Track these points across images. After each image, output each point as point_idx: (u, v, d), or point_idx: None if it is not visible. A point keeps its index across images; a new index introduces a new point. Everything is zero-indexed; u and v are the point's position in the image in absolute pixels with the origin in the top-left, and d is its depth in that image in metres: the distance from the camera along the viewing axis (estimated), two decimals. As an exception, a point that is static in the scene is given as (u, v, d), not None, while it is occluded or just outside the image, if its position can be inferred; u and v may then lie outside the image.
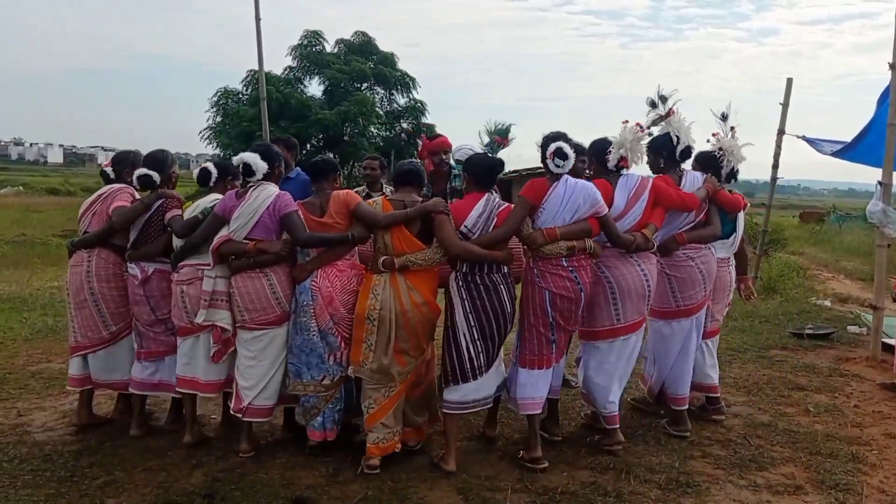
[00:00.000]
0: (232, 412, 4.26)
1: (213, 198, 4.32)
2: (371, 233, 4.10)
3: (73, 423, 4.62)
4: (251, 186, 4.13)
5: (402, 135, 27.05)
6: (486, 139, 4.69)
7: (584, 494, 3.75)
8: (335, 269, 4.13)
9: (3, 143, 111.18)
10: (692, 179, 4.65)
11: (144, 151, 4.72)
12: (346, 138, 24.69)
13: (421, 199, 4.16)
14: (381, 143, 26.25)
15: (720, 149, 4.78)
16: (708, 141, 4.82)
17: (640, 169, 4.55)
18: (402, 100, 27.59)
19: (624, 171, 4.36)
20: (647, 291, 4.29)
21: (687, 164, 4.78)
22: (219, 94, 25.08)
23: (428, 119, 27.46)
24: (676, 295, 4.59)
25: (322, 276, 4.07)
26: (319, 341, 4.06)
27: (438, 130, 27.95)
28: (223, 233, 4.12)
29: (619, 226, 4.19)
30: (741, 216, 4.89)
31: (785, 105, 9.74)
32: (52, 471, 3.96)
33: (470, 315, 3.99)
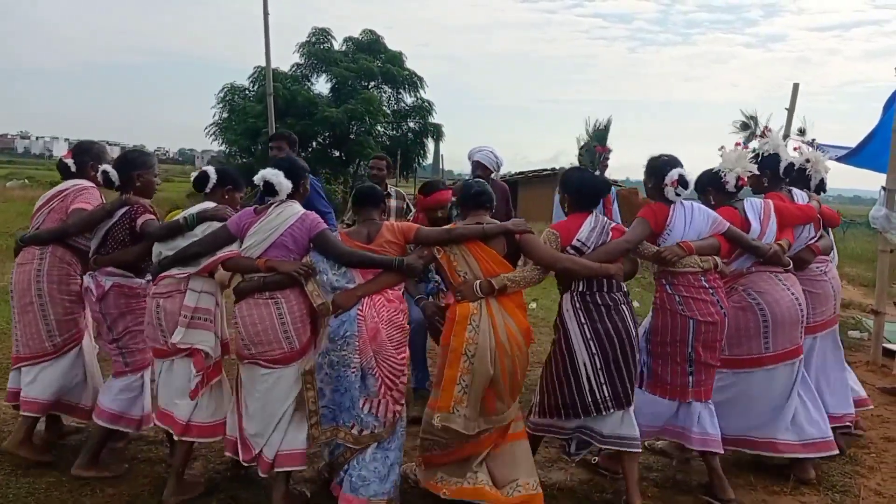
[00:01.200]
0: (244, 462, 3.56)
1: (204, 206, 3.76)
2: (428, 263, 3.66)
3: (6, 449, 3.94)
4: (273, 203, 3.60)
5: (409, 134, 27.11)
6: (583, 144, 4.39)
7: (583, 491, 3.79)
8: (384, 297, 3.56)
9: (9, 137, 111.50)
10: (800, 196, 4.50)
11: (150, 147, 4.59)
12: (352, 137, 24.71)
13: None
14: (388, 143, 26.30)
15: (807, 160, 4.72)
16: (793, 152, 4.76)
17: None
18: (409, 99, 27.64)
19: (741, 196, 4.18)
20: (801, 316, 4.07)
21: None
22: (225, 90, 25.15)
23: (435, 119, 27.51)
24: (809, 311, 4.28)
25: (369, 305, 3.50)
26: (356, 381, 3.44)
27: (445, 130, 28.03)
28: (230, 249, 3.59)
29: None
30: (831, 232, 4.84)
31: (790, 111, 9.72)
32: (52, 462, 3.96)
33: (592, 342, 3.56)
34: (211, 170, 3.88)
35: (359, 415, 3.42)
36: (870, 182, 6.84)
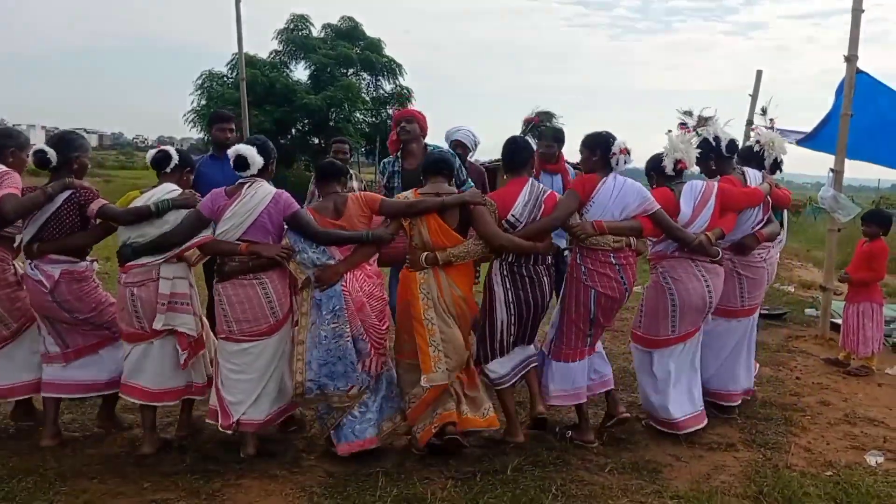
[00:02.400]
0: (221, 428, 3.84)
1: (168, 188, 3.85)
2: (395, 234, 3.92)
3: None
4: (244, 183, 3.76)
5: (388, 121, 27.28)
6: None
7: (533, 449, 4.02)
8: (364, 272, 3.86)
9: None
10: (754, 177, 4.66)
11: (129, 135, 4.59)
12: (331, 124, 24.85)
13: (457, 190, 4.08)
14: (367, 129, 26.46)
15: (757, 142, 4.93)
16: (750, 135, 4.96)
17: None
18: (388, 86, 27.80)
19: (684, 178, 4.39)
20: (707, 307, 4.29)
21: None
22: (203, 76, 25.15)
23: (414, 106, 27.69)
24: (744, 295, 4.60)
25: (351, 280, 3.78)
26: (351, 349, 3.74)
27: (429, 118, 28.24)
28: (205, 234, 3.78)
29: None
30: (785, 212, 5.04)
31: (754, 96, 10.06)
32: (34, 425, 4.19)
33: (511, 305, 3.99)
34: (172, 150, 3.98)
35: (358, 376, 3.77)
36: (846, 170, 7.00)
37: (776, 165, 4.95)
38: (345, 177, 4.12)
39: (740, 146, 4.96)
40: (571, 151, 4.89)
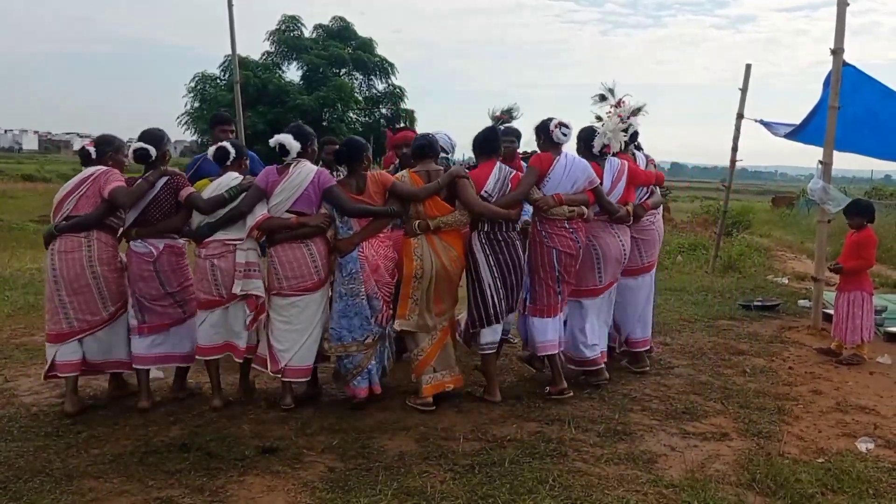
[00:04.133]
0: (270, 373, 4.58)
1: (233, 176, 4.55)
2: (406, 207, 4.59)
3: (67, 412, 4.43)
4: (289, 164, 4.51)
5: (382, 120, 27.28)
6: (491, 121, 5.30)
7: (530, 441, 4.12)
8: (378, 240, 4.57)
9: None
10: (641, 158, 5.63)
11: (122, 138, 4.78)
12: (324, 124, 24.86)
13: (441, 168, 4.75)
14: (361, 129, 26.48)
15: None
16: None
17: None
18: (381, 85, 27.83)
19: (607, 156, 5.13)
20: (623, 258, 5.17)
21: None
22: (196, 79, 25.15)
23: (407, 105, 27.72)
24: (643, 254, 5.50)
25: (367, 247, 4.49)
26: (365, 306, 4.47)
27: (419, 116, 28.22)
28: (261, 210, 4.46)
29: None
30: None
31: (744, 90, 10.18)
32: (39, 427, 4.27)
33: (494, 268, 4.67)
34: (229, 145, 4.68)
35: (371, 328, 4.51)
36: (837, 162, 7.06)
37: (634, 137, 5.50)
38: (366, 154, 4.68)
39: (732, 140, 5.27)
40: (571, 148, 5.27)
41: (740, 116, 10.15)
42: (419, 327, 4.61)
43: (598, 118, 5.28)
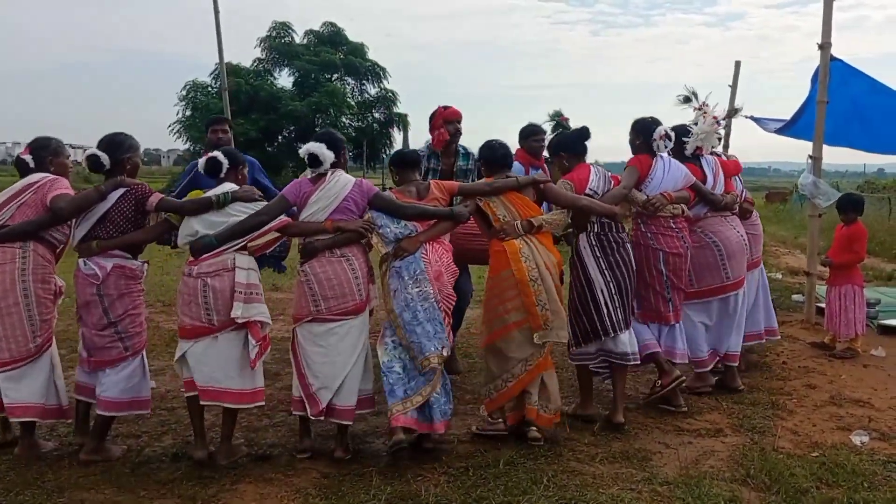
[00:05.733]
0: (311, 416, 3.91)
1: (227, 187, 3.93)
2: (472, 212, 4.21)
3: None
4: (323, 173, 3.99)
5: (375, 125, 27.31)
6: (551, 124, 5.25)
7: (525, 442, 4.10)
8: (441, 245, 4.15)
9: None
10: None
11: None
12: (317, 129, 24.82)
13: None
14: (354, 134, 26.51)
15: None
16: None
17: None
18: (373, 90, 27.88)
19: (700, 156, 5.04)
20: (746, 250, 5.06)
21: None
22: (188, 87, 25.15)
23: (400, 108, 27.75)
24: (752, 249, 5.30)
25: (431, 251, 4.04)
26: (437, 309, 3.93)
27: (412, 120, 28.29)
28: (282, 218, 3.96)
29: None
30: None
31: (734, 87, 10.14)
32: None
33: (606, 272, 4.34)
34: (220, 155, 4.03)
35: (444, 335, 3.92)
36: (829, 157, 7.11)
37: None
38: (420, 163, 4.47)
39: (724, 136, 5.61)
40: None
41: (731, 114, 10.15)
42: (560, 336, 4.12)
43: (654, 120, 4.84)
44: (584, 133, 4.63)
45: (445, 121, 5.26)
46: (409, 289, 3.90)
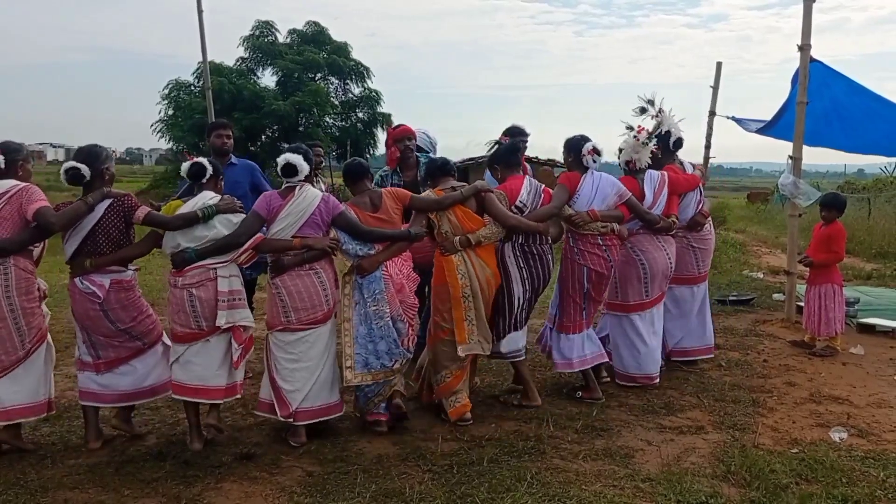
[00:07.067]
0: (280, 418, 4.10)
1: (208, 195, 4.03)
2: (429, 230, 4.42)
3: None
4: (293, 186, 4.12)
5: (358, 125, 27.23)
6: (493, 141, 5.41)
7: (509, 440, 4.14)
8: (401, 258, 4.36)
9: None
10: (688, 166, 5.55)
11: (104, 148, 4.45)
12: (301, 129, 24.76)
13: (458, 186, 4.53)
14: (338, 134, 26.42)
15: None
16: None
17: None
18: (356, 89, 27.76)
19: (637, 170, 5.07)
20: (669, 272, 5.15)
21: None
22: (170, 86, 24.93)
23: (384, 108, 27.66)
24: (699, 263, 5.53)
25: (391, 265, 4.27)
26: (391, 328, 4.20)
27: (396, 119, 28.22)
28: (258, 235, 4.05)
29: None
30: None
31: (715, 88, 10.23)
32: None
33: (526, 281, 4.62)
34: (205, 161, 4.14)
35: (399, 352, 4.24)
36: (811, 157, 7.22)
37: (678, 145, 5.42)
38: (370, 172, 4.58)
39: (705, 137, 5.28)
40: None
41: (712, 114, 10.23)
42: (483, 345, 4.44)
43: (630, 127, 5.09)
44: (514, 146, 4.96)
45: (395, 140, 5.42)
46: (368, 306, 4.19)
